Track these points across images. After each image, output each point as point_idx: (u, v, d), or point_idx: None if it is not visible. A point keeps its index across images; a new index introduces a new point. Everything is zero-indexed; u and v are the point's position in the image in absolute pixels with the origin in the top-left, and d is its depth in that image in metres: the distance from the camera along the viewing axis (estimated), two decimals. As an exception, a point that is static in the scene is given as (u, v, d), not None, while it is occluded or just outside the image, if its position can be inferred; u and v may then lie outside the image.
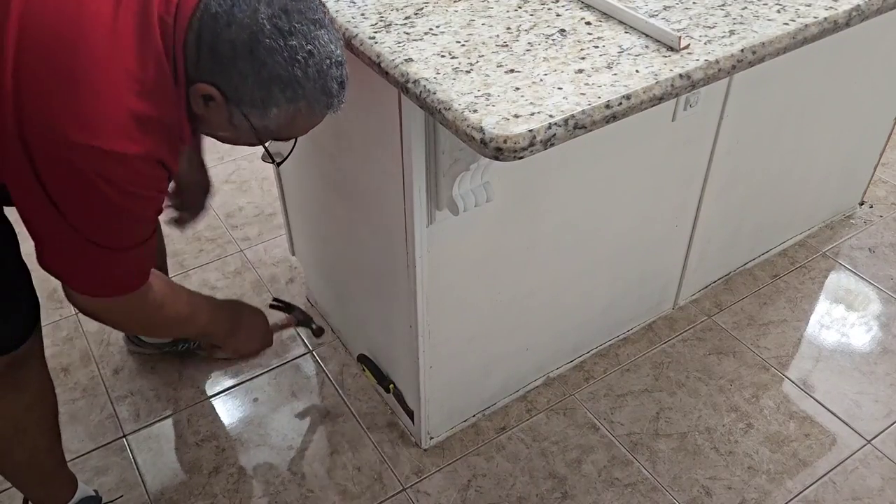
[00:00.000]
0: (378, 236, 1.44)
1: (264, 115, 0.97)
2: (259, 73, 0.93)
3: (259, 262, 2.14)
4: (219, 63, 0.94)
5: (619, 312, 1.85)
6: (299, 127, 1.03)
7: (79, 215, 0.96)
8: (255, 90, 0.94)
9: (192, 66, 0.95)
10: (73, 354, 1.87)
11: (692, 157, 1.67)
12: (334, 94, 0.98)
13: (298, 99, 0.96)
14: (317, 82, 0.95)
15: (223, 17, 0.92)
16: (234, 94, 0.95)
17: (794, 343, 1.90)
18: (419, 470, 1.61)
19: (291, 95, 0.95)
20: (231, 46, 0.92)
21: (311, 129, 1.06)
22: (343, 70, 0.99)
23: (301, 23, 0.93)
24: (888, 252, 2.16)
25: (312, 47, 0.93)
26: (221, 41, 0.92)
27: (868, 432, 1.69)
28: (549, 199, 1.45)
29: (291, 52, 0.92)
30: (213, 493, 1.58)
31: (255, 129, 1.00)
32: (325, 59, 0.95)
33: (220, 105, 0.97)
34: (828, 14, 1.14)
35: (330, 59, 0.96)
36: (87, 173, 0.91)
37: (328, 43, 0.95)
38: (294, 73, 0.93)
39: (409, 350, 1.48)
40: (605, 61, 1.04)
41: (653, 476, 1.61)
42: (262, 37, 0.91)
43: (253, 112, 0.97)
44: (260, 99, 0.95)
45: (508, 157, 0.92)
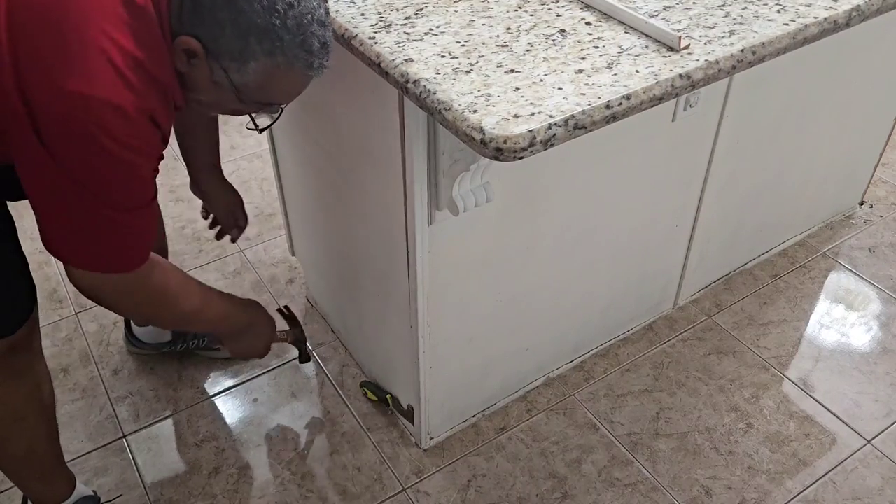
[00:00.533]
0: (378, 236, 1.44)
1: (243, 69, 0.97)
2: (236, 22, 0.93)
3: (259, 263, 2.14)
4: (199, 13, 0.94)
5: (619, 312, 1.85)
6: (280, 87, 1.02)
7: (80, 171, 0.95)
8: (232, 40, 0.94)
9: (176, 19, 0.95)
10: (73, 355, 1.87)
11: (692, 157, 1.67)
12: (314, 53, 0.98)
13: (276, 52, 0.96)
14: (296, 36, 0.95)
15: None
16: (214, 46, 0.95)
17: (794, 343, 1.90)
18: (419, 470, 1.61)
19: (269, 47, 0.95)
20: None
21: (294, 93, 1.05)
22: (326, 31, 0.98)
23: None
24: (888, 252, 2.16)
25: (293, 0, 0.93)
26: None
27: (868, 432, 1.69)
28: (549, 199, 1.45)
29: (270, 2, 0.92)
30: (213, 494, 1.58)
31: (236, 86, 0.99)
32: (307, 14, 0.95)
33: (202, 61, 0.97)
34: (828, 14, 1.14)
35: (311, 15, 0.95)
36: (85, 124, 0.91)
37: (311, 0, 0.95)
38: (272, 22, 0.93)
39: (409, 350, 1.48)
40: (605, 61, 1.04)
41: (653, 476, 1.61)
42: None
43: (231, 66, 0.97)
44: (238, 50, 0.95)
45: (508, 158, 0.92)
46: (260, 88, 1.01)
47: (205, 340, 1.84)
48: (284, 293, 2.03)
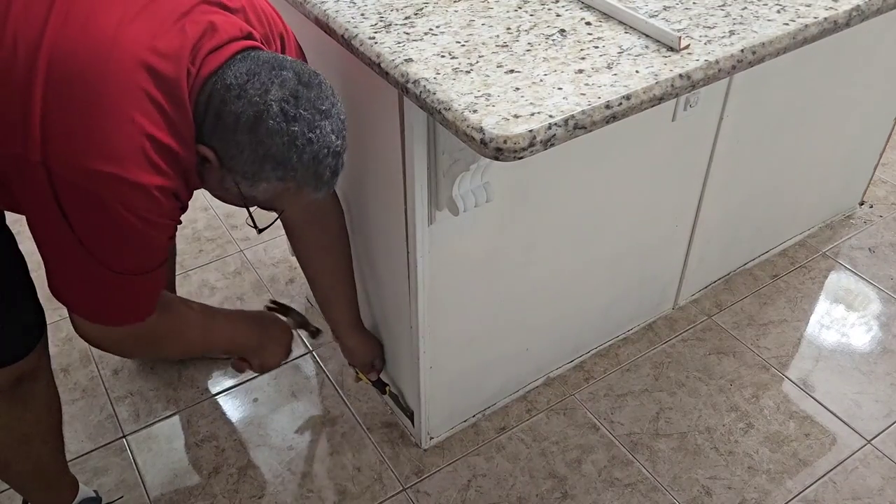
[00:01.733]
0: (378, 236, 1.44)
1: (253, 186, 1.00)
2: (256, 150, 0.96)
3: (259, 263, 2.14)
4: (221, 130, 0.96)
5: (619, 312, 1.85)
6: (285, 203, 1.06)
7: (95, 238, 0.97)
8: (248, 164, 0.97)
9: (198, 125, 0.98)
10: (73, 355, 1.87)
11: (692, 157, 1.67)
12: (325, 181, 1.02)
13: (288, 180, 0.99)
14: (309, 168, 0.98)
15: (235, 90, 0.95)
16: (229, 162, 0.98)
17: (794, 343, 1.90)
18: (419, 470, 1.61)
19: (282, 175, 0.98)
20: (235, 119, 0.95)
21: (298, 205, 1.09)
22: (339, 160, 1.02)
23: (307, 110, 0.96)
24: (888, 252, 2.16)
25: (313, 135, 0.96)
26: (228, 111, 0.95)
27: (868, 432, 1.69)
28: (549, 199, 1.45)
29: (292, 136, 0.95)
30: (213, 494, 1.58)
31: (244, 196, 1.03)
32: (323, 149, 0.98)
33: (215, 168, 1.00)
34: (828, 14, 1.14)
35: (328, 149, 0.99)
36: (107, 200, 0.93)
37: (329, 133, 0.98)
38: (289, 156, 0.96)
39: (410, 350, 1.48)
40: (605, 61, 1.04)
41: (653, 476, 1.61)
42: (266, 117, 0.94)
43: (243, 182, 1.00)
44: (252, 172, 0.98)
45: (508, 158, 0.92)
46: (267, 202, 1.05)
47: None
48: (284, 293, 2.03)
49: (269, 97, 0.94)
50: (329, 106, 0.99)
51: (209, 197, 2.23)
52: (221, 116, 0.96)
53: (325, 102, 0.99)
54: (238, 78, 0.95)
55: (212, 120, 0.96)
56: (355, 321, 1.59)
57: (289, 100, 0.95)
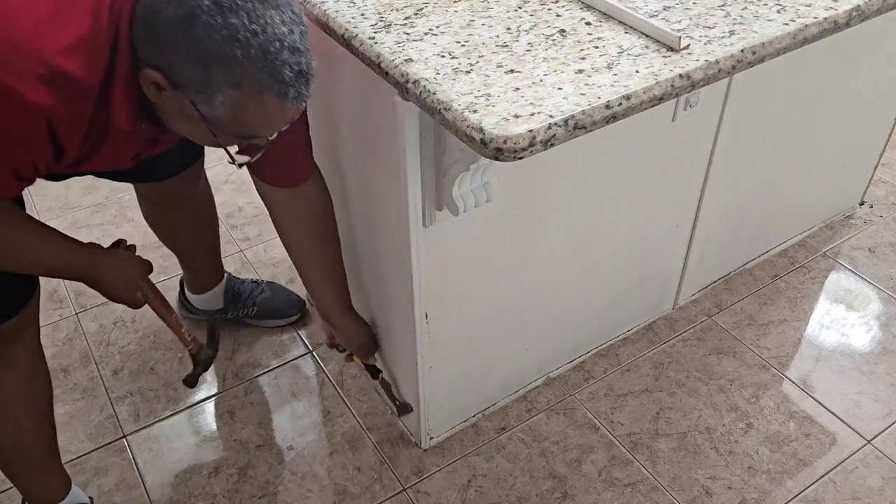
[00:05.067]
0: (378, 236, 1.44)
1: (210, 102, 0.92)
2: (196, 53, 0.87)
3: (259, 263, 2.14)
4: (159, 42, 0.89)
5: (619, 312, 1.85)
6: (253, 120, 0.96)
7: None
8: (194, 72, 0.89)
9: (139, 46, 0.91)
10: (73, 355, 1.87)
11: (692, 157, 1.67)
12: (288, 82, 0.91)
13: (241, 83, 0.90)
14: (263, 66, 0.89)
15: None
16: (177, 77, 0.90)
17: (794, 343, 1.90)
18: (419, 470, 1.61)
19: (233, 79, 0.89)
20: (169, 24, 0.87)
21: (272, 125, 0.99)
22: (301, 58, 0.92)
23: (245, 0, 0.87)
24: (888, 252, 2.16)
25: (257, 26, 0.87)
26: (161, 19, 0.88)
27: (868, 432, 1.69)
28: (549, 199, 1.45)
29: (231, 29, 0.86)
30: (213, 494, 1.58)
31: (206, 119, 0.94)
32: (274, 42, 0.88)
33: (169, 93, 0.92)
34: (828, 14, 1.14)
35: (280, 42, 0.89)
36: None
37: (279, 24, 0.88)
38: (233, 52, 0.87)
39: (409, 351, 1.48)
40: (605, 61, 1.04)
41: (653, 476, 1.61)
42: (199, 13, 0.85)
43: (199, 99, 0.92)
44: (201, 82, 0.90)
45: (508, 158, 0.92)
46: (233, 121, 0.95)
47: (254, 310, 1.86)
48: (284, 293, 2.03)
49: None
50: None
51: (209, 197, 2.19)
52: (156, 27, 0.88)
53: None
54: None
55: (150, 34, 0.89)
56: (346, 305, 1.53)
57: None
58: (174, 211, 1.66)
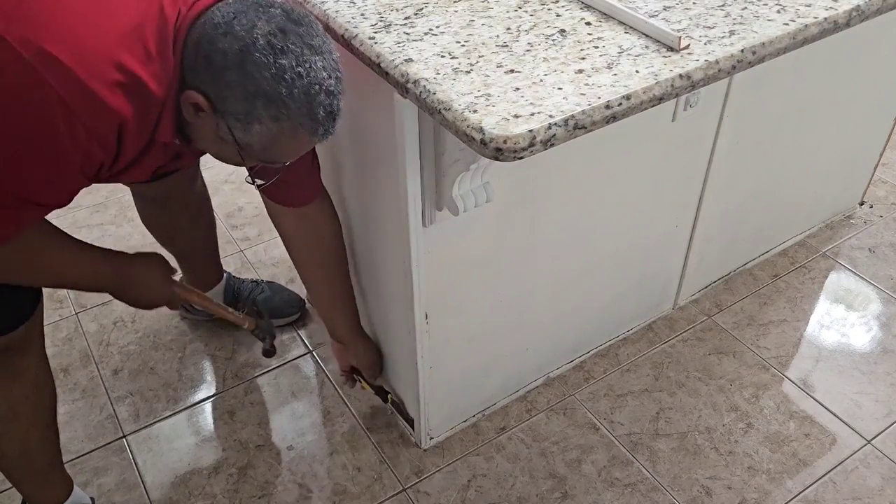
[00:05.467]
0: (378, 236, 1.44)
1: (247, 130, 0.99)
2: (245, 86, 0.95)
3: (259, 263, 2.14)
4: (210, 71, 0.96)
5: (619, 312, 1.85)
6: (282, 150, 1.04)
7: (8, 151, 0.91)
8: (239, 102, 0.96)
9: (188, 70, 0.97)
10: (73, 355, 1.87)
11: (692, 157, 1.67)
12: (320, 122, 1.00)
13: (281, 118, 0.98)
14: (302, 105, 0.97)
15: (222, 27, 0.95)
16: (221, 105, 0.97)
17: (794, 343, 1.90)
18: (419, 470, 1.61)
19: (274, 113, 0.97)
20: (223, 56, 0.94)
21: (296, 154, 1.07)
22: (334, 101, 1.00)
23: (296, 44, 0.95)
24: (888, 252, 2.16)
25: (303, 69, 0.95)
26: (215, 50, 0.95)
27: (868, 432, 1.69)
28: (549, 199, 1.45)
29: (279, 69, 0.94)
30: (213, 494, 1.58)
31: (239, 144, 1.01)
32: (315, 85, 0.97)
33: (208, 115, 0.99)
34: (828, 14, 1.14)
35: (320, 86, 0.97)
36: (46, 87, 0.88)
37: (321, 70, 0.97)
38: (279, 90, 0.95)
39: (409, 351, 1.48)
40: (605, 61, 1.04)
41: (653, 476, 1.61)
42: (253, 50, 0.93)
43: (237, 126, 0.99)
44: (244, 112, 0.97)
45: (508, 158, 0.92)
46: (263, 149, 1.03)
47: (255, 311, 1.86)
48: (284, 293, 2.03)
49: (255, 31, 0.94)
50: (320, 43, 0.98)
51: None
52: (210, 57, 0.95)
53: (316, 39, 0.97)
54: (225, 17, 0.95)
55: (202, 62, 0.96)
56: (357, 326, 1.59)
57: (276, 33, 0.94)
58: (171, 211, 1.67)
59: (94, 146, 0.96)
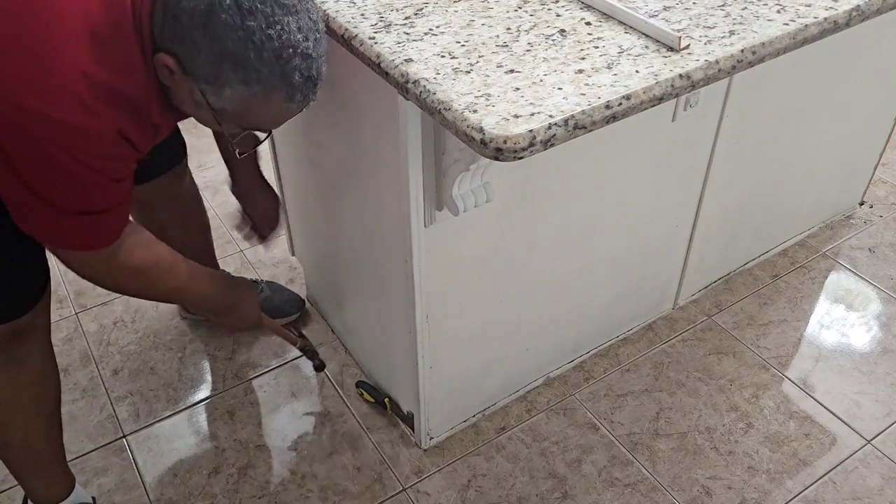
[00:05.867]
0: (378, 236, 1.44)
1: (218, 94, 0.95)
2: (211, 48, 0.91)
3: (259, 263, 2.14)
4: (178, 31, 0.92)
5: (619, 312, 1.85)
6: (259, 116, 1.00)
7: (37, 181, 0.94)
8: (207, 65, 0.93)
9: (158, 32, 0.94)
10: (73, 355, 1.87)
11: (692, 157, 1.67)
12: (295, 86, 0.95)
13: (251, 82, 0.93)
14: (273, 69, 0.92)
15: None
16: (190, 66, 0.94)
17: (794, 343, 1.90)
18: (419, 470, 1.61)
19: (244, 77, 0.93)
20: (189, 16, 0.91)
21: (277, 122, 1.03)
22: (312, 63, 0.95)
23: (265, 3, 0.90)
24: (888, 252, 2.16)
25: (273, 31, 0.90)
26: (182, 9, 0.91)
27: (868, 432, 1.69)
28: (549, 199, 1.45)
29: (248, 31, 0.90)
30: (213, 494, 1.58)
31: (213, 108, 0.98)
32: (287, 48, 0.92)
33: (180, 78, 0.95)
34: (828, 14, 1.14)
35: (294, 48, 0.92)
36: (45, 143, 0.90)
37: (295, 31, 0.92)
38: (247, 53, 0.91)
39: (409, 350, 1.48)
40: (605, 61, 1.04)
41: (653, 476, 1.61)
42: (219, 10, 0.89)
43: (207, 89, 0.95)
44: (212, 75, 0.93)
45: (508, 158, 0.92)
46: (238, 115, 0.99)
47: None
48: (284, 293, 2.03)
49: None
50: (294, 2, 0.92)
51: (208, 196, 2.24)
52: (177, 17, 0.91)
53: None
54: None
55: (169, 22, 0.92)
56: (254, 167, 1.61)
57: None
58: (162, 212, 1.66)
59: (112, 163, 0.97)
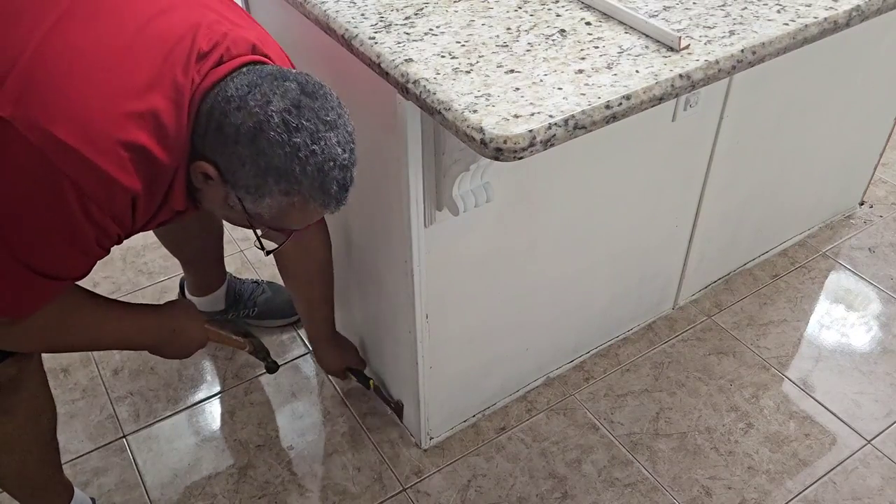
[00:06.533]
0: (378, 236, 1.44)
1: (257, 202, 0.98)
2: (257, 162, 0.93)
3: (259, 263, 2.14)
4: (222, 143, 0.94)
5: (619, 312, 1.85)
6: (292, 220, 1.03)
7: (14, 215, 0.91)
8: (250, 177, 0.95)
9: (199, 138, 0.96)
10: (73, 355, 1.87)
11: (692, 157, 1.67)
12: (332, 196, 0.99)
13: (293, 193, 0.96)
14: (315, 181, 0.96)
15: (235, 101, 0.93)
16: (231, 177, 0.96)
17: (794, 343, 1.90)
18: (419, 470, 1.61)
19: (286, 188, 0.96)
20: (236, 130, 0.93)
21: (306, 223, 1.06)
22: (347, 174, 0.99)
23: (310, 121, 0.94)
24: (888, 252, 2.16)
25: (317, 147, 0.94)
26: (228, 123, 0.93)
27: (868, 432, 1.69)
28: (549, 199, 1.45)
29: (294, 148, 0.93)
30: (213, 494, 1.58)
31: (248, 213, 1.00)
32: (329, 161, 0.95)
33: (217, 184, 0.98)
34: (828, 14, 1.14)
35: (333, 161, 0.96)
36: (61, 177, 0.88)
37: (335, 145, 0.96)
38: (292, 168, 0.94)
39: (409, 350, 1.48)
40: (605, 61, 1.04)
41: (653, 476, 1.61)
42: (267, 128, 0.92)
43: (247, 197, 0.98)
44: (255, 186, 0.96)
45: (508, 158, 0.92)
46: (272, 219, 1.01)
47: (255, 310, 1.89)
48: (284, 293, 2.03)
49: (270, 108, 0.92)
50: (335, 117, 0.96)
51: (209, 197, 2.18)
52: (222, 129, 0.93)
53: (331, 113, 0.96)
54: (239, 90, 0.93)
55: (213, 133, 0.94)
56: (332, 334, 1.63)
57: (290, 110, 0.92)
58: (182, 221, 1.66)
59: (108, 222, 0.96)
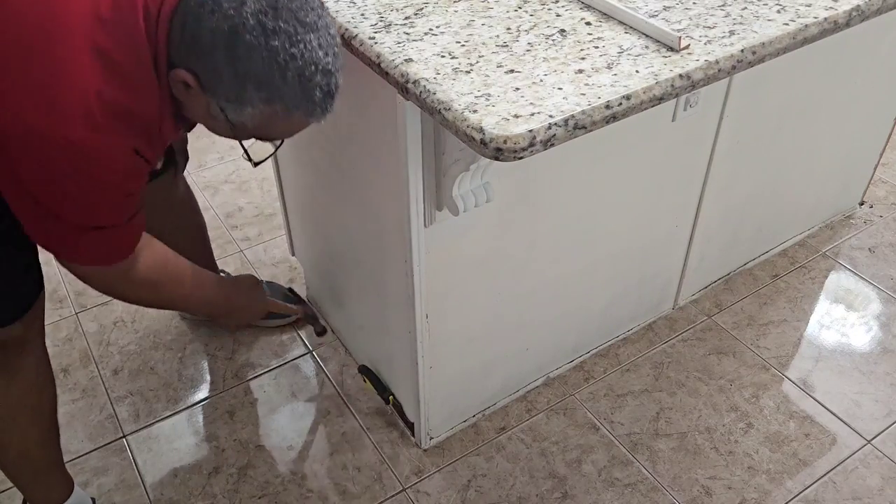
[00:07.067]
0: (378, 236, 1.44)
1: (239, 111, 0.95)
2: (235, 69, 0.90)
3: (259, 263, 2.14)
4: (198, 51, 0.91)
5: (619, 312, 1.85)
6: (277, 129, 1.00)
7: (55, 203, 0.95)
8: (230, 85, 0.92)
9: (175, 50, 0.93)
10: (73, 355, 1.87)
11: (692, 157, 1.67)
12: (316, 103, 0.94)
13: (274, 101, 0.93)
14: (296, 87, 0.92)
15: (209, 4, 0.89)
16: (210, 85, 0.93)
17: (794, 343, 1.90)
18: (419, 470, 1.61)
19: (267, 96, 0.92)
20: (211, 36, 0.89)
21: (293, 133, 1.03)
22: (331, 79, 0.95)
23: (288, 22, 0.89)
24: (888, 252, 2.16)
25: (296, 50, 0.90)
26: (203, 29, 0.90)
27: (868, 432, 1.69)
28: (549, 199, 1.45)
29: (271, 52, 0.89)
30: (213, 494, 1.58)
31: (232, 123, 0.97)
32: (310, 66, 0.91)
33: (197, 93, 0.95)
34: (828, 14, 1.14)
35: (315, 66, 0.91)
36: (58, 163, 0.90)
37: (316, 48, 0.91)
38: (271, 74, 0.90)
39: (409, 350, 1.48)
40: (605, 61, 1.04)
41: (653, 476, 1.61)
42: (242, 31, 0.88)
43: (228, 106, 0.95)
44: (235, 94, 0.93)
45: (508, 158, 0.92)
46: (256, 129, 0.99)
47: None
48: (284, 293, 2.03)
49: (244, 9, 0.87)
50: (315, 18, 0.91)
51: (208, 196, 2.24)
52: (197, 35, 0.90)
53: (311, 14, 0.91)
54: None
55: (188, 41, 0.91)
56: None
57: (266, 11, 0.88)
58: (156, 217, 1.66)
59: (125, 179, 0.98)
